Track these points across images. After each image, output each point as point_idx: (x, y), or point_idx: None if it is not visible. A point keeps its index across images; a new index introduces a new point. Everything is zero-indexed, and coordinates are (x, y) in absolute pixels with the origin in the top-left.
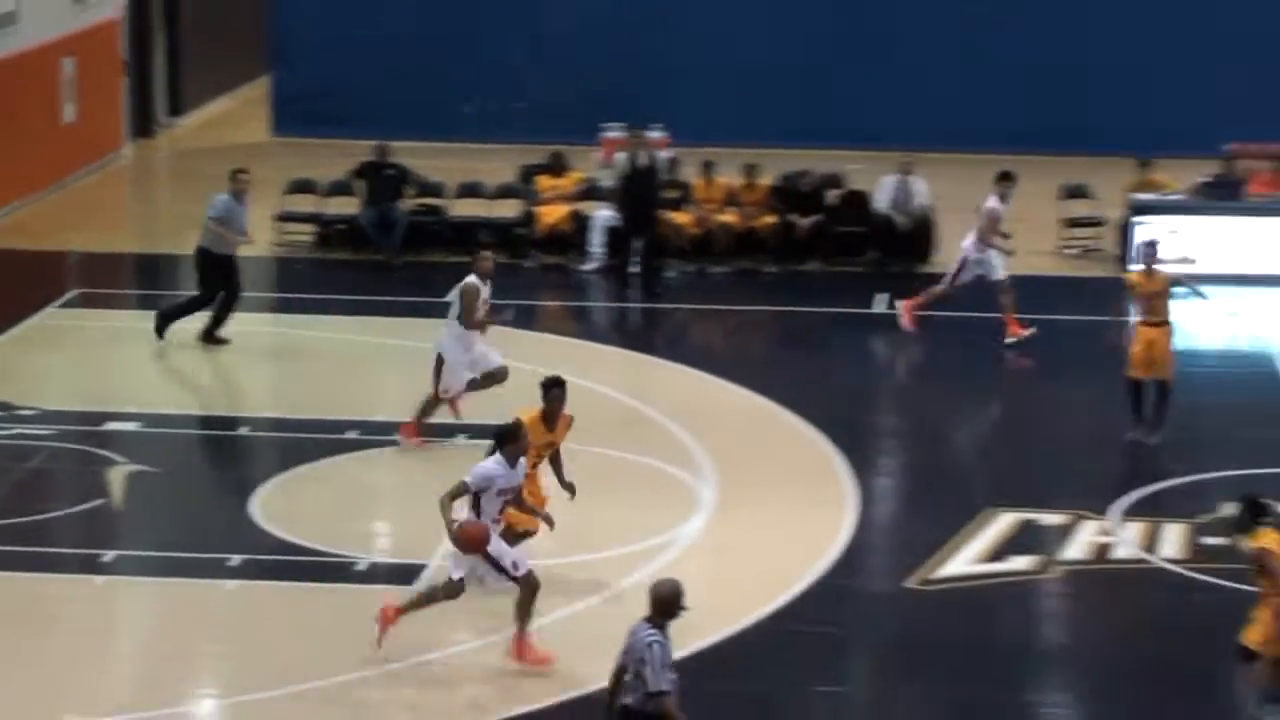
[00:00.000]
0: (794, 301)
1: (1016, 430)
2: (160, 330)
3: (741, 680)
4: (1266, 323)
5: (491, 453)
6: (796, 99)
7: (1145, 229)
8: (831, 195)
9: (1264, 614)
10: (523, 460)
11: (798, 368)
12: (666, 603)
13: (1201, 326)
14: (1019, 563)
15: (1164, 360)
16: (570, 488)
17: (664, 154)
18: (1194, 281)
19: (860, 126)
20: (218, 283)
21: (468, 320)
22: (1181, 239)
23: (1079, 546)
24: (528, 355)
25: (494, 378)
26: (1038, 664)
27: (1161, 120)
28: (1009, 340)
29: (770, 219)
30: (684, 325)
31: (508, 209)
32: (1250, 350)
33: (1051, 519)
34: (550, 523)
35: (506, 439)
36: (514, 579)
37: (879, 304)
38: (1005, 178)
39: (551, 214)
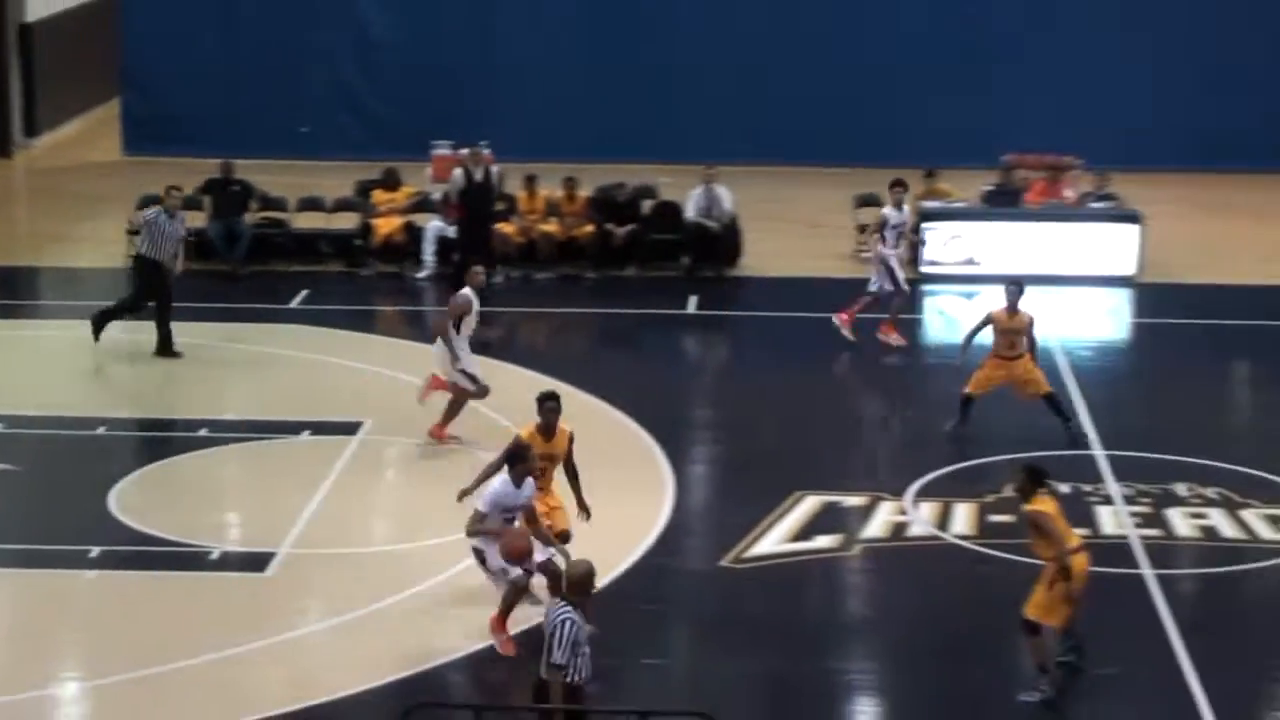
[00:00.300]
0: (613, 304)
1: (820, 421)
2: (167, 350)
3: None
4: (1045, 319)
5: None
6: (609, 116)
7: (933, 234)
8: (645, 205)
9: (1042, 586)
10: (530, 480)
11: (617, 365)
12: (580, 582)
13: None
14: (823, 541)
15: (1033, 381)
16: (585, 510)
17: (492, 169)
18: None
19: (666, 141)
20: (159, 288)
21: (440, 328)
22: (965, 243)
23: (877, 525)
24: (367, 357)
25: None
26: (842, 635)
27: (944, 134)
28: (837, 322)
29: (589, 228)
30: (512, 327)
31: (346, 221)
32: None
33: (852, 501)
34: (565, 554)
35: (515, 460)
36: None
37: (691, 305)
38: (897, 185)
39: (386, 226)
